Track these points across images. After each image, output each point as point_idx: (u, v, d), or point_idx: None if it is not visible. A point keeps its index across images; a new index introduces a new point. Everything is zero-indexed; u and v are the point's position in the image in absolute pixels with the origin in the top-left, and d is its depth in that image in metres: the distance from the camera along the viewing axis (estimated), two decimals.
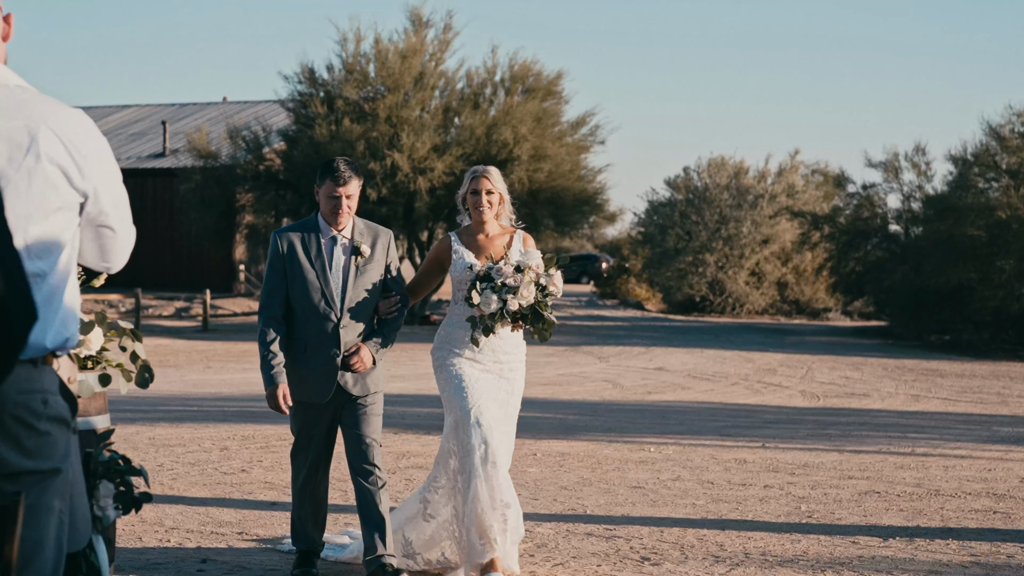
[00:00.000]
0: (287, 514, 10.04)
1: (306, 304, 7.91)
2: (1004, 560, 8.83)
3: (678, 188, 57.95)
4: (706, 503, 10.92)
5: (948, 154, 40.96)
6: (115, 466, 4.54)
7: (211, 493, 11.02)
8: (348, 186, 7.86)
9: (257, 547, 8.96)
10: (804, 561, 8.70)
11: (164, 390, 20.43)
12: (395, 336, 8.17)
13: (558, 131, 43.33)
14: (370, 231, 8.07)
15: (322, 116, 41.01)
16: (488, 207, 8.19)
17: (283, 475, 11.99)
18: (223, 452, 13.43)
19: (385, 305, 8.09)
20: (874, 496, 11.37)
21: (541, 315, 8.02)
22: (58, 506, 3.85)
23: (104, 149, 4.04)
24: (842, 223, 45.66)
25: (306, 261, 7.91)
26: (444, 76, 42.53)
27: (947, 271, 37.61)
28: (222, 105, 58.38)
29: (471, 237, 8.29)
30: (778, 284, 56.70)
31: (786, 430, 16.43)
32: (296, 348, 7.96)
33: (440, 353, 8.18)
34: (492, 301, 7.90)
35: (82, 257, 4.14)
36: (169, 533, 9.33)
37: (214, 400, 19.06)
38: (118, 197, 4.09)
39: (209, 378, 23.49)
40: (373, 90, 41.66)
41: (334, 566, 8.49)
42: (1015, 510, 10.80)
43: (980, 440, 15.70)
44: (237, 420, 16.19)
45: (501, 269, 7.97)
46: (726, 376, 25.54)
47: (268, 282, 7.99)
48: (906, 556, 8.88)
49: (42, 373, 3.81)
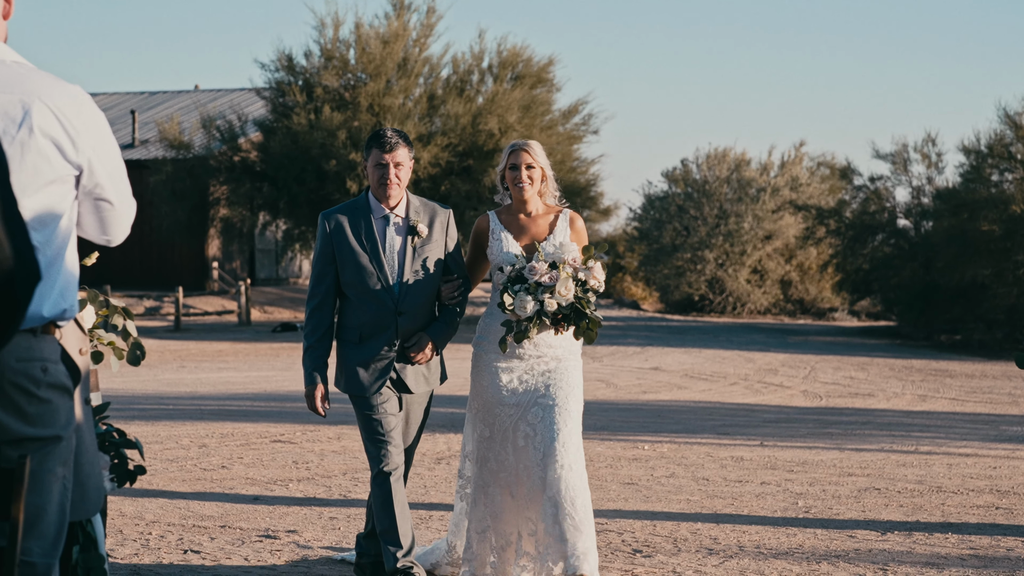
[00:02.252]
0: (271, 508, 10.40)
1: (360, 290, 7.72)
2: (1003, 553, 9.18)
3: (676, 181, 58.23)
4: (701, 499, 11.27)
5: (961, 144, 41.22)
6: (110, 438, 4.87)
7: (191, 488, 11.37)
8: (396, 152, 7.67)
9: (240, 540, 9.28)
10: (799, 554, 9.05)
11: (137, 389, 20.76)
12: (458, 324, 7.95)
13: (549, 120, 43.62)
14: (427, 209, 7.86)
15: (300, 105, 41.32)
16: (529, 183, 7.96)
17: (265, 471, 12.35)
18: (202, 449, 13.77)
19: (447, 289, 7.87)
20: (874, 493, 11.71)
21: (584, 313, 7.69)
22: (61, 472, 4.18)
23: (100, 123, 4.34)
24: (848, 218, 45.95)
25: (356, 243, 7.71)
26: (428, 62, 42.83)
27: (958, 268, 37.85)
28: (194, 93, 58.59)
29: (512, 217, 8.03)
30: (781, 282, 56.91)
31: (786, 429, 16.81)
32: (349, 338, 7.80)
33: (481, 348, 7.94)
34: (528, 303, 7.60)
35: (82, 230, 4.46)
36: (150, 527, 9.66)
37: (190, 399, 19.40)
38: (114, 170, 4.39)
39: (184, 377, 23.82)
40: (354, 77, 41.98)
41: (337, 566, 8.80)
42: (1018, 506, 11.15)
43: (987, 439, 16.07)
44: (215, 418, 16.54)
45: (534, 267, 7.67)
46: (725, 376, 25.91)
47: (315, 268, 7.79)
48: (904, 549, 9.24)
49: (42, 342, 4.14)
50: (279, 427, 15.62)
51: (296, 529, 9.61)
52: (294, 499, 10.90)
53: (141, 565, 8.44)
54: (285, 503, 10.70)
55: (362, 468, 12.56)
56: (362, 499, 10.93)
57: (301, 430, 15.33)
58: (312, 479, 11.97)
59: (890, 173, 44.82)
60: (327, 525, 9.80)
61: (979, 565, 8.79)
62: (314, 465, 12.79)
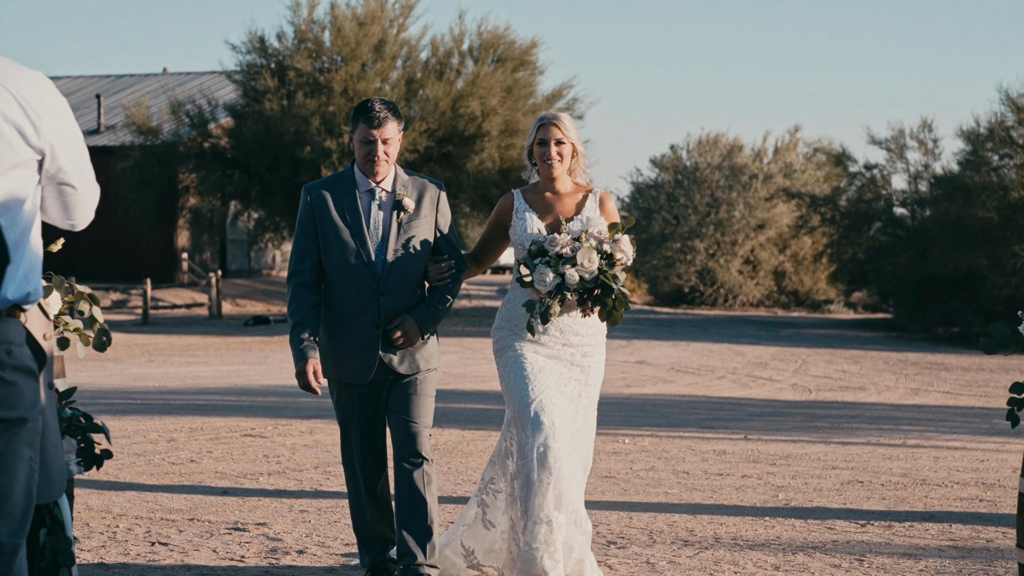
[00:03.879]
0: (240, 501, 10.66)
1: (341, 269, 7.61)
2: (983, 544, 9.45)
3: (665, 168, 58.48)
4: (679, 492, 11.53)
5: (959, 130, 41.50)
6: (76, 423, 5.13)
7: (159, 482, 11.63)
8: (384, 128, 7.55)
9: (209, 532, 9.53)
10: (776, 545, 9.32)
11: (103, 383, 21.01)
12: (449, 306, 7.81)
13: (532, 104, 43.83)
14: (415, 184, 7.73)
15: (272, 89, 41.46)
16: (558, 160, 7.76)
17: (234, 465, 12.60)
18: (170, 443, 14.02)
19: (436, 270, 7.75)
20: (857, 485, 11.99)
21: (610, 287, 7.51)
22: (27, 454, 4.44)
23: (61, 108, 4.60)
24: (843, 206, 46.21)
25: (339, 218, 7.60)
26: (406, 44, 43.01)
27: (956, 257, 37.99)
28: (162, 77, 58.70)
29: (538, 195, 7.88)
30: (775, 273, 57.13)
31: (771, 423, 17.10)
32: (332, 320, 7.69)
33: (501, 334, 7.86)
34: (548, 276, 7.44)
35: (46, 215, 4.71)
36: (117, 519, 9.91)
37: (158, 393, 19.66)
38: (77, 154, 4.65)
39: (152, 372, 24.05)
40: (328, 60, 42.14)
41: (303, 558, 9.05)
42: (1002, 498, 11.43)
43: (977, 433, 16.37)
44: (183, 413, 16.80)
45: (555, 239, 7.52)
46: (712, 370, 26.20)
47: (297, 244, 7.68)
48: (882, 540, 9.50)
49: (6, 325, 4.40)
50: (250, 421, 15.88)
51: (266, 522, 9.84)
52: (264, 492, 11.13)
53: (108, 558, 8.67)
54: (255, 496, 10.93)
55: (334, 462, 12.82)
56: (334, 492, 11.18)
57: (272, 424, 15.59)
58: (283, 473, 12.21)
59: (886, 160, 45.12)
60: (297, 518, 10.03)
61: (957, 556, 9.05)
62: (285, 459, 13.03)
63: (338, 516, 10.09)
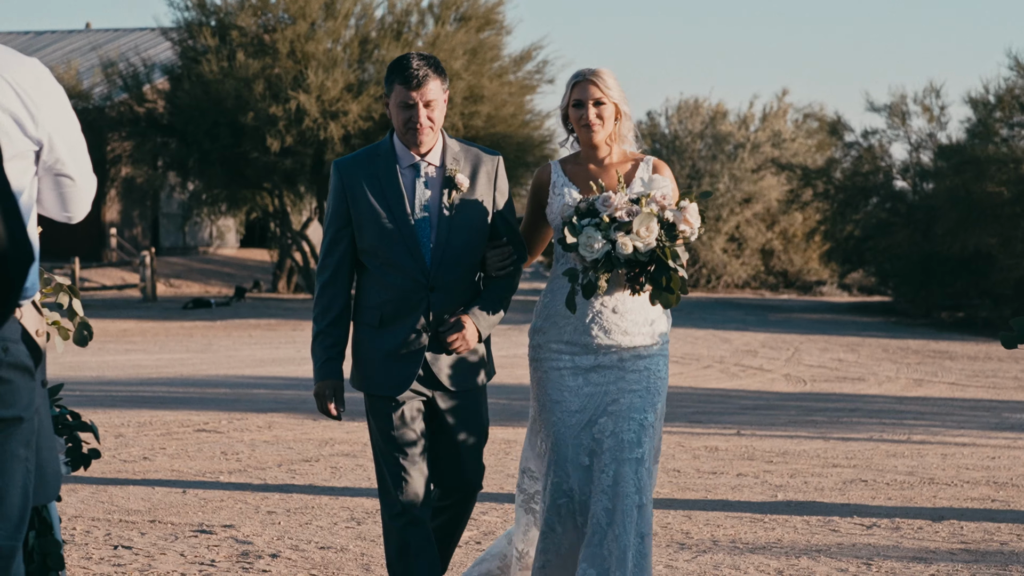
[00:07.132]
0: (202, 501, 10.93)
1: (381, 259, 6.87)
2: (996, 547, 9.74)
3: (642, 136, 58.38)
4: (671, 491, 11.81)
5: (966, 96, 41.57)
6: (64, 421, 5.41)
7: (114, 480, 11.88)
8: (425, 88, 6.87)
9: (173, 535, 9.81)
10: (778, 548, 9.62)
11: None
12: (509, 302, 7.15)
13: (498, 67, 43.93)
14: (469, 156, 7.05)
15: (213, 49, 41.44)
16: (599, 123, 7.15)
17: (191, 463, 12.88)
18: (119, 439, 14.26)
19: (495, 256, 7.04)
20: (860, 484, 12.28)
21: (665, 264, 6.80)
22: (23, 454, 4.71)
23: (59, 98, 4.89)
24: (838, 178, 46.25)
25: (376, 200, 6.85)
26: (360, 2, 43.00)
27: (962, 235, 38.17)
28: (88, 33, 58.41)
29: (579, 167, 7.23)
30: (762, 252, 57.05)
31: (765, 416, 17.44)
32: (368, 320, 6.97)
33: (538, 339, 7.25)
34: (596, 241, 6.75)
35: (43, 207, 5.00)
36: (73, 521, 10.18)
37: (97, 384, 19.88)
38: (75, 146, 4.94)
39: (86, 360, 24.16)
40: (274, 19, 42.12)
41: (278, 563, 9.33)
42: (1016, 499, 11.73)
43: (987, 427, 16.69)
44: (128, 406, 17.06)
45: (610, 199, 6.85)
46: (698, 358, 26.49)
47: (328, 231, 6.99)
48: (890, 543, 9.80)
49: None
50: (202, 415, 16.13)
51: (233, 524, 10.11)
52: (227, 492, 11.40)
53: (71, 563, 8.92)
54: (218, 496, 11.21)
55: (298, 459, 13.09)
56: (302, 491, 11.48)
57: (227, 418, 15.85)
58: (244, 471, 12.47)
59: (886, 128, 45.16)
60: (265, 520, 10.29)
61: (970, 559, 9.33)
62: (245, 456, 13.29)
63: (309, 518, 10.36)
